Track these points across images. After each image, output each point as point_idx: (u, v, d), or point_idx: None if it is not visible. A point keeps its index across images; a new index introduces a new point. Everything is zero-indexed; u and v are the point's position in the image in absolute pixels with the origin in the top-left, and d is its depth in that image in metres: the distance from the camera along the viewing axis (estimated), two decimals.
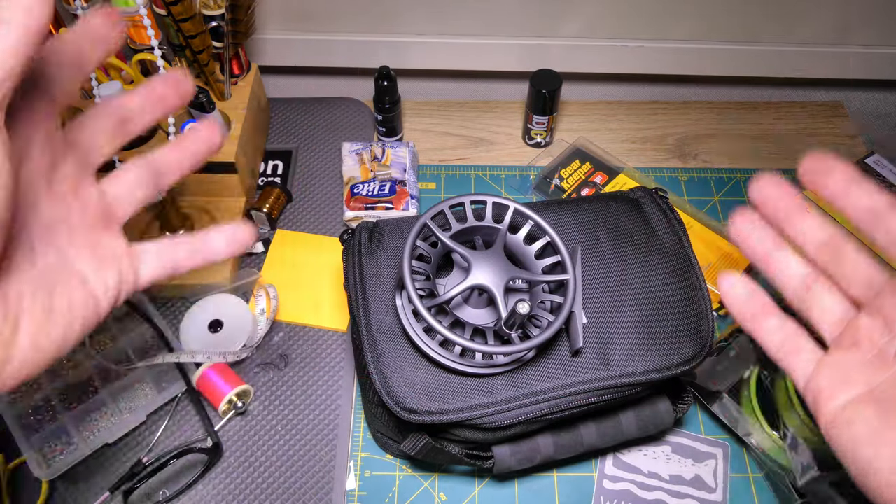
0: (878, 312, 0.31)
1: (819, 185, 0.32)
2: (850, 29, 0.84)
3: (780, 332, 0.34)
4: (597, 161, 0.81)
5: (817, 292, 0.33)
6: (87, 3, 0.70)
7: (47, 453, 0.61)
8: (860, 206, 0.30)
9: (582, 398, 0.50)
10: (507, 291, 0.49)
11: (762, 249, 0.34)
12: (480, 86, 0.95)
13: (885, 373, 0.30)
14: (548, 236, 0.51)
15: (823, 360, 0.32)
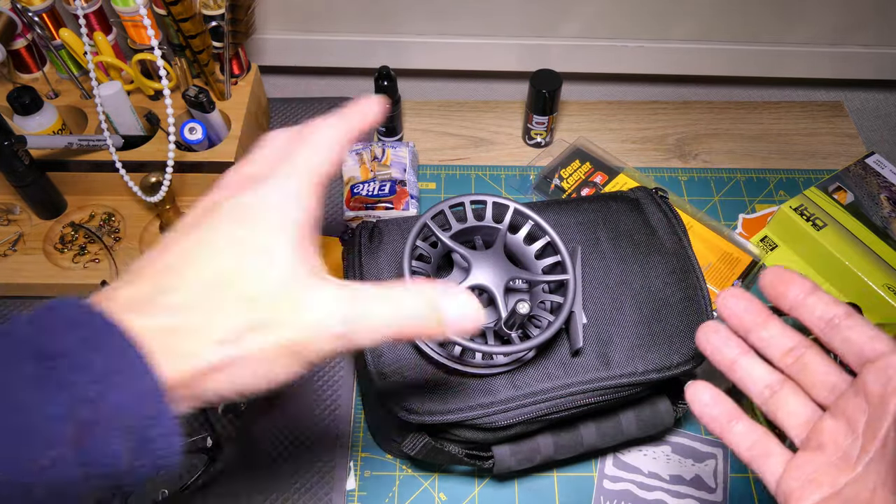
0: (841, 415, 0.32)
1: (779, 297, 0.34)
2: (850, 29, 0.84)
3: (749, 436, 0.36)
4: (597, 161, 0.81)
5: (783, 396, 0.35)
6: (87, 3, 0.70)
7: None
8: (816, 316, 0.33)
9: (582, 398, 0.50)
10: (507, 291, 0.49)
11: (728, 358, 0.36)
12: (480, 86, 0.95)
13: (849, 474, 0.31)
14: (548, 236, 0.51)
15: (792, 462, 0.34)
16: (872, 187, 0.75)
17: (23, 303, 0.70)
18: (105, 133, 0.66)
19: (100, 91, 0.67)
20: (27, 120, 0.70)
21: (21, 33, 0.71)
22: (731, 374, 0.36)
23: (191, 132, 0.70)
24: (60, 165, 0.70)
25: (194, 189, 0.74)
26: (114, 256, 0.71)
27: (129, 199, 0.75)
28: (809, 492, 0.32)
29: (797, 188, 0.82)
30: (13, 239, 0.71)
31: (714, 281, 0.70)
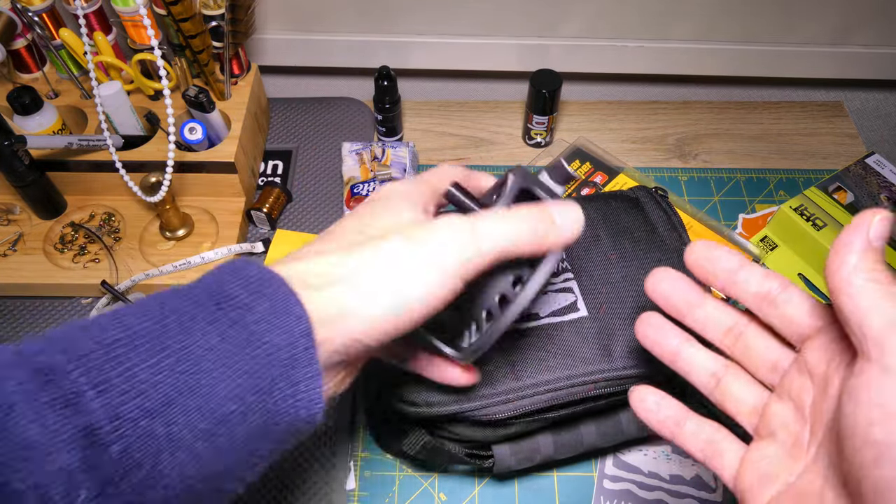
0: (787, 396, 0.29)
1: (708, 276, 0.31)
2: (850, 29, 0.84)
3: (699, 434, 0.33)
4: (597, 161, 0.81)
5: (728, 382, 0.32)
6: (87, 3, 0.70)
7: None
8: (751, 292, 0.30)
9: (583, 390, 0.50)
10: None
11: (669, 349, 0.34)
12: (480, 86, 0.95)
13: (802, 463, 0.28)
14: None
15: (746, 456, 0.30)
16: (872, 187, 0.75)
17: (23, 303, 0.70)
18: (105, 133, 0.66)
19: (100, 91, 0.67)
20: (27, 120, 0.70)
21: (21, 33, 0.71)
22: (675, 367, 0.33)
23: (191, 132, 0.70)
24: (60, 165, 0.71)
25: (194, 189, 0.74)
26: (114, 256, 0.71)
27: (129, 199, 0.75)
28: (765, 487, 0.28)
29: (797, 188, 0.82)
30: (13, 239, 0.71)
31: None
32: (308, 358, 0.27)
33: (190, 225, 0.73)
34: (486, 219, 0.31)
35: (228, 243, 0.72)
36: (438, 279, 0.29)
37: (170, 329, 0.25)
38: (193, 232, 0.73)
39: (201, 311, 0.26)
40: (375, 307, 0.29)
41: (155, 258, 0.71)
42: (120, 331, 0.25)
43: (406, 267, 0.29)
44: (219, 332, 0.26)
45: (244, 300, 0.27)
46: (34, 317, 0.69)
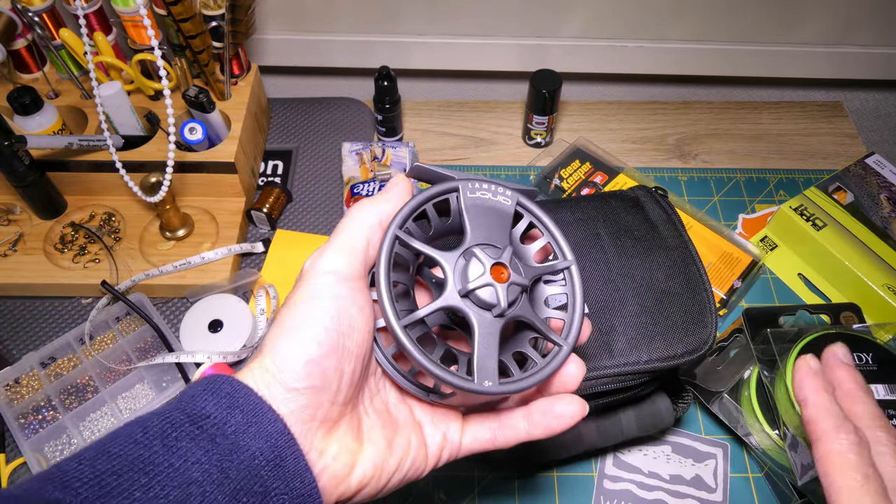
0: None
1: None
2: (850, 29, 0.84)
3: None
4: (597, 161, 0.81)
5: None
6: (87, 3, 0.70)
7: (47, 453, 0.61)
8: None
9: (585, 385, 0.50)
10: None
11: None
12: (480, 86, 0.95)
13: None
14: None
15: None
16: (872, 187, 0.75)
17: (23, 303, 0.70)
18: (105, 133, 0.66)
19: (100, 91, 0.67)
20: (27, 120, 0.70)
21: (21, 33, 0.71)
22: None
23: (191, 132, 0.70)
24: (60, 165, 0.71)
25: (194, 189, 0.74)
26: (114, 256, 0.71)
27: (129, 199, 0.75)
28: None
29: (797, 188, 0.82)
30: (13, 239, 0.71)
31: (714, 281, 0.70)
32: (294, 454, 0.29)
33: (190, 225, 0.73)
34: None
35: (228, 243, 0.72)
36: (311, 295, 0.31)
37: (155, 452, 0.27)
38: (193, 232, 0.73)
39: (182, 431, 0.28)
40: (279, 353, 0.30)
41: (155, 258, 0.71)
42: (107, 461, 0.26)
43: (287, 306, 0.32)
44: (201, 447, 0.27)
45: (219, 416, 0.28)
46: (34, 317, 0.69)
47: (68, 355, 0.66)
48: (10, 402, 0.62)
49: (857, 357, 0.58)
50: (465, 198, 0.35)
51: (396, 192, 0.35)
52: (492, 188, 0.36)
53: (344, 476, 0.31)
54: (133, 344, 0.67)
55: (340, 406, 0.31)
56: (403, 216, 0.34)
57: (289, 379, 0.30)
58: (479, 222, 0.35)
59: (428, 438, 0.35)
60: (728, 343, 0.65)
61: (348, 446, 0.32)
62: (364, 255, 0.33)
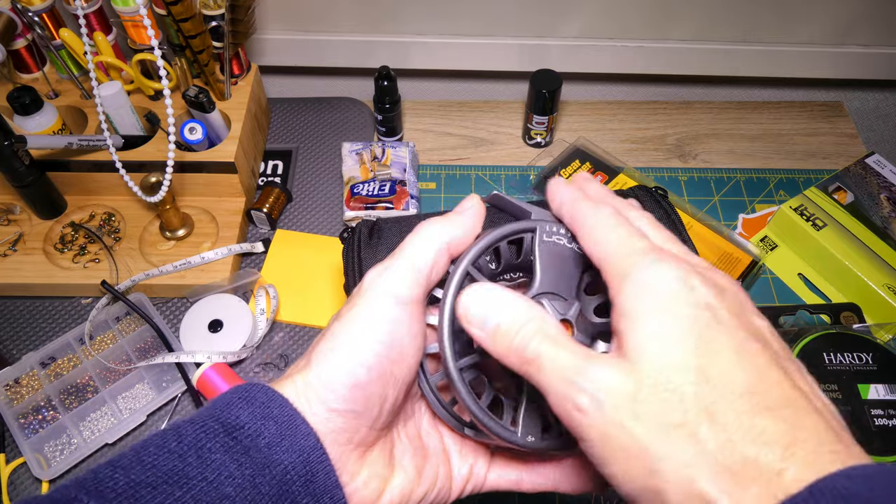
0: None
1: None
2: (850, 29, 0.84)
3: None
4: (597, 161, 0.81)
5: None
6: (87, 3, 0.70)
7: (47, 453, 0.61)
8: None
9: None
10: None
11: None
12: (480, 86, 0.95)
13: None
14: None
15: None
16: (872, 187, 0.75)
17: (23, 303, 0.70)
18: (105, 133, 0.66)
19: (100, 91, 0.67)
20: (27, 120, 0.70)
21: (21, 33, 0.71)
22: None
23: (191, 132, 0.70)
24: (60, 165, 0.71)
25: (194, 189, 0.74)
26: (114, 256, 0.71)
27: (129, 199, 0.75)
28: None
29: (797, 188, 0.82)
30: (13, 239, 0.71)
31: None
32: (325, 470, 0.28)
33: (190, 225, 0.73)
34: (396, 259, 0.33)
35: (228, 243, 0.72)
36: (367, 317, 0.30)
37: (189, 463, 0.27)
38: (193, 232, 0.73)
39: (216, 442, 0.27)
40: (326, 370, 0.30)
41: (155, 258, 0.71)
42: (142, 471, 0.26)
43: (341, 321, 0.31)
44: (235, 459, 0.27)
45: (253, 426, 0.28)
46: (34, 317, 0.69)
47: (68, 355, 0.66)
48: (10, 402, 0.62)
49: (857, 357, 0.58)
50: (539, 241, 0.33)
51: (469, 217, 0.33)
52: (568, 234, 0.34)
53: (372, 502, 0.30)
54: (133, 344, 0.67)
55: (378, 431, 0.31)
56: (476, 252, 0.32)
57: (331, 399, 0.29)
58: (550, 269, 0.33)
59: (454, 470, 0.34)
60: None
61: (379, 472, 0.31)
62: (427, 279, 0.32)
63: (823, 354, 0.58)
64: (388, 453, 0.32)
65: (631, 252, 0.27)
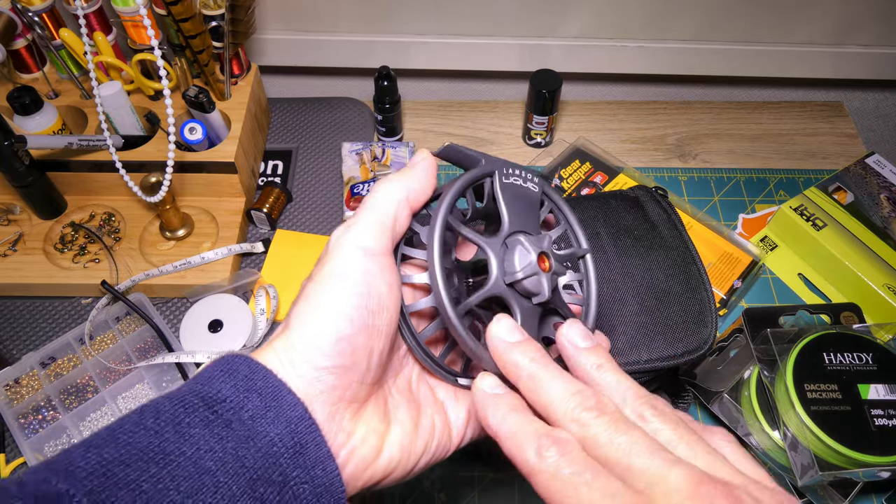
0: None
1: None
2: (850, 29, 0.84)
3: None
4: (597, 161, 0.81)
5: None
6: (87, 3, 0.70)
7: (47, 453, 0.61)
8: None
9: None
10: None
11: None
12: (480, 86, 0.95)
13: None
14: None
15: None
16: (872, 187, 0.75)
17: (23, 303, 0.70)
18: (105, 133, 0.66)
19: (100, 91, 0.67)
20: (27, 120, 0.70)
21: (21, 33, 0.71)
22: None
23: (191, 132, 0.70)
24: (60, 165, 0.71)
25: (194, 189, 0.74)
26: (114, 256, 0.71)
27: (129, 199, 0.75)
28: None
29: (797, 188, 0.82)
30: (13, 239, 0.71)
31: (714, 281, 0.70)
32: (315, 441, 0.27)
33: (190, 225, 0.73)
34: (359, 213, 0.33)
35: (228, 243, 0.72)
36: (340, 271, 0.30)
37: (167, 439, 0.26)
38: (193, 232, 0.73)
39: (195, 417, 0.26)
40: (308, 329, 0.29)
41: (155, 258, 0.71)
42: (115, 449, 0.25)
43: (314, 281, 0.30)
44: (215, 434, 0.26)
45: (235, 399, 0.27)
46: (34, 317, 0.69)
47: (68, 355, 0.66)
48: (10, 402, 0.62)
49: (857, 357, 0.58)
50: (500, 183, 0.34)
51: (421, 170, 0.33)
52: (522, 174, 0.35)
53: (372, 459, 0.30)
54: (133, 344, 0.67)
55: (368, 385, 0.30)
56: (451, 200, 0.33)
57: (318, 357, 0.28)
58: (514, 209, 0.34)
59: (451, 417, 0.34)
60: (728, 343, 0.65)
61: (376, 427, 0.31)
62: (392, 230, 0.32)
63: (823, 354, 0.58)
64: (383, 409, 0.32)
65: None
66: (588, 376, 0.28)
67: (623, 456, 0.24)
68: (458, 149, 0.35)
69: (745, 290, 0.72)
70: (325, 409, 0.28)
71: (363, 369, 0.30)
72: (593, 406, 0.26)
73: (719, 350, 0.64)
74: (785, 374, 0.57)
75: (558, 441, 0.25)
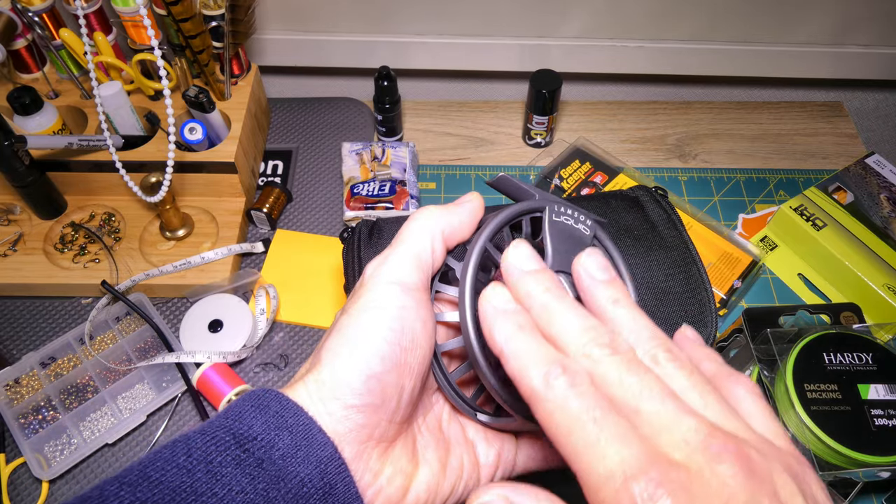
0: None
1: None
2: (850, 29, 0.84)
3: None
4: (597, 161, 0.81)
5: None
6: (87, 3, 0.70)
7: (47, 453, 0.61)
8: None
9: None
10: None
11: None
12: (480, 86, 0.95)
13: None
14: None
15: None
16: (872, 187, 0.75)
17: (23, 303, 0.70)
18: (105, 133, 0.66)
19: (100, 91, 0.67)
20: (27, 120, 0.70)
21: (21, 33, 0.71)
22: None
23: (191, 132, 0.70)
24: (60, 165, 0.71)
25: (194, 189, 0.74)
26: (114, 256, 0.71)
27: (129, 199, 0.75)
28: None
29: (797, 188, 0.82)
30: (13, 239, 0.71)
31: (714, 281, 0.70)
32: (344, 481, 0.27)
33: (190, 225, 0.73)
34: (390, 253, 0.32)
35: (228, 243, 0.72)
36: (374, 307, 0.30)
37: (199, 479, 0.25)
38: (193, 232, 0.73)
39: (227, 455, 0.26)
40: (339, 366, 0.29)
41: (155, 258, 0.71)
42: (148, 489, 0.25)
43: (348, 315, 0.30)
44: (247, 473, 0.26)
45: (266, 437, 0.27)
46: (34, 317, 0.69)
47: (68, 355, 0.66)
48: (10, 402, 0.62)
49: (857, 357, 0.58)
50: (549, 220, 0.33)
51: (468, 208, 0.33)
52: (574, 214, 0.34)
53: (398, 500, 0.29)
54: (133, 344, 0.67)
55: (398, 424, 0.30)
56: (493, 228, 0.32)
57: (347, 395, 0.28)
58: (559, 248, 0.33)
59: (481, 458, 0.33)
60: (728, 343, 0.65)
61: (403, 468, 0.30)
62: (427, 265, 0.31)
63: (823, 354, 0.58)
64: (411, 449, 0.31)
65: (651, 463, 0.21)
66: (603, 311, 0.26)
67: (631, 398, 0.23)
68: (511, 181, 0.34)
69: (745, 290, 0.72)
70: (354, 448, 0.28)
71: (393, 408, 0.29)
72: (607, 343, 0.24)
73: (719, 350, 0.64)
74: (785, 374, 0.57)
75: (569, 370, 0.23)
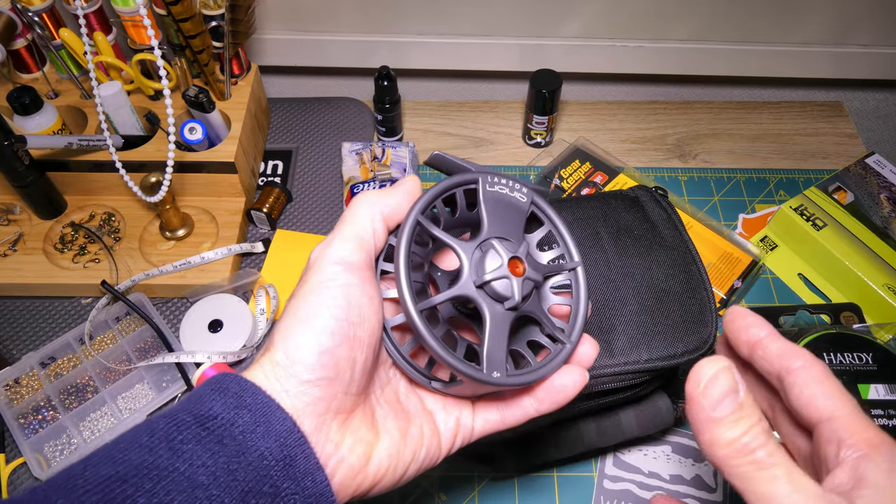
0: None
1: (737, 344, 0.32)
2: (850, 29, 0.84)
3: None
4: (597, 161, 0.81)
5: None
6: (87, 3, 0.70)
7: (47, 453, 0.61)
8: (767, 370, 0.31)
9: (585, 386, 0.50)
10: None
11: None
12: (480, 86, 0.95)
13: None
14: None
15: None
16: (872, 187, 0.75)
17: (23, 303, 0.70)
18: (105, 133, 0.66)
19: (100, 91, 0.67)
20: (27, 120, 0.70)
21: (21, 33, 0.71)
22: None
23: (191, 132, 0.70)
24: (60, 165, 0.71)
25: (194, 189, 0.74)
26: (114, 256, 0.71)
27: (129, 199, 0.75)
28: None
29: (797, 188, 0.82)
30: (13, 239, 0.71)
31: (714, 281, 0.70)
32: (304, 453, 0.28)
33: (190, 225, 0.73)
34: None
35: (228, 243, 0.72)
36: (320, 286, 0.31)
37: (160, 456, 0.27)
38: (193, 232, 0.73)
39: (188, 434, 0.27)
40: (291, 345, 0.30)
41: (155, 258, 0.71)
42: (112, 466, 0.26)
43: (296, 298, 0.31)
44: (208, 449, 0.27)
45: (226, 416, 0.28)
46: (34, 317, 0.69)
47: (68, 355, 0.66)
48: (10, 402, 0.62)
49: (857, 357, 0.58)
50: (483, 190, 0.35)
51: (404, 190, 0.35)
52: (509, 184, 0.36)
53: (360, 467, 0.31)
54: (133, 344, 0.67)
55: (354, 396, 0.31)
56: (425, 202, 0.34)
57: (301, 371, 0.29)
58: (496, 216, 0.35)
59: (440, 425, 0.35)
60: None
61: (363, 437, 0.32)
62: (370, 245, 0.33)
63: (823, 354, 0.58)
64: (370, 419, 0.33)
65: (866, 420, 0.27)
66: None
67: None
68: (445, 157, 0.36)
69: (745, 290, 0.72)
70: (313, 421, 0.29)
71: (347, 380, 0.31)
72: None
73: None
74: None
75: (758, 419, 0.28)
